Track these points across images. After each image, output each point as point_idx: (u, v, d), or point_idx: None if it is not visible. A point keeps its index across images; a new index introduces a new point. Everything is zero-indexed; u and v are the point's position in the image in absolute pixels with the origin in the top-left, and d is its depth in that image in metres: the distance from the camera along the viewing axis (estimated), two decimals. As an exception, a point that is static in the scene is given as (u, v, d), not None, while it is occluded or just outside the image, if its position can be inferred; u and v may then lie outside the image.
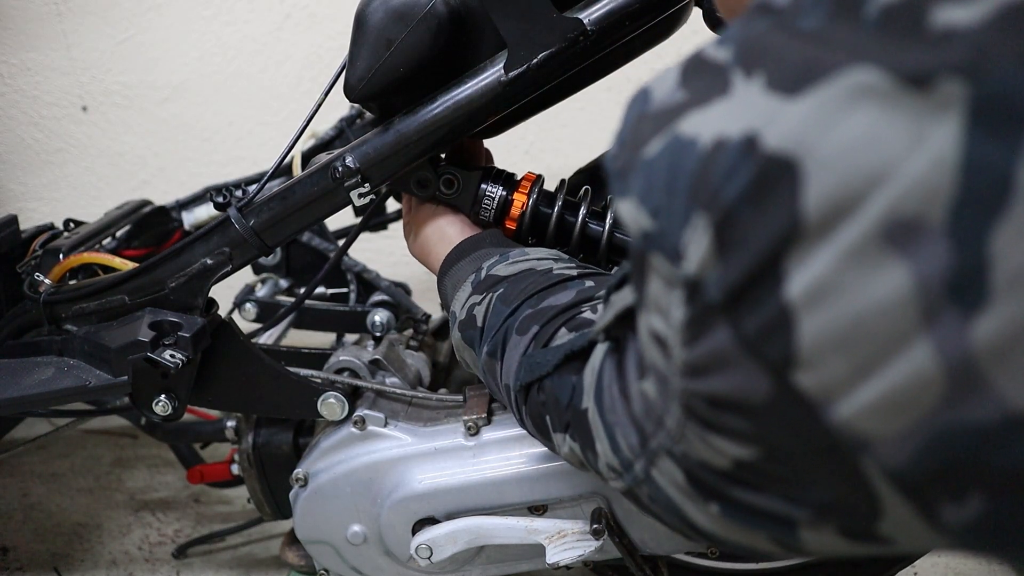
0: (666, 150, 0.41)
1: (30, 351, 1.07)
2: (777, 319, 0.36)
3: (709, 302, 0.39)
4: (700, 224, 0.38)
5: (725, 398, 0.41)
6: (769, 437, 0.41)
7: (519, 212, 0.93)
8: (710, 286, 0.38)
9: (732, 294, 0.38)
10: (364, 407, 1.02)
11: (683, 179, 0.39)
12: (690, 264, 0.39)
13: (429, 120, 0.88)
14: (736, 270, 0.37)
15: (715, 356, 0.40)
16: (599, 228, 0.93)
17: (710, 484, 0.47)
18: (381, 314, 1.28)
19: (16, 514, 1.53)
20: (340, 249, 1.10)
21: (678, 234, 0.39)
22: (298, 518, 1.03)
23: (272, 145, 1.88)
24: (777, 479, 0.42)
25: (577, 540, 0.92)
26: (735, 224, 0.37)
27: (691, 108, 0.41)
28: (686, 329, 0.41)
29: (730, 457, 0.44)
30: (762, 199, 0.36)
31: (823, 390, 0.36)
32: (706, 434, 0.44)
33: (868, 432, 0.36)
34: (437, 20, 0.84)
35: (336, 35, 1.82)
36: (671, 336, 0.43)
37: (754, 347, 0.38)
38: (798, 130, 0.35)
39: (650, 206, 0.41)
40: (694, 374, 0.42)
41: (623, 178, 0.44)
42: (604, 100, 1.76)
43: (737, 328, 0.38)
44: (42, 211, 1.92)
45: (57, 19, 1.81)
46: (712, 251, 0.38)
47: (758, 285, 0.37)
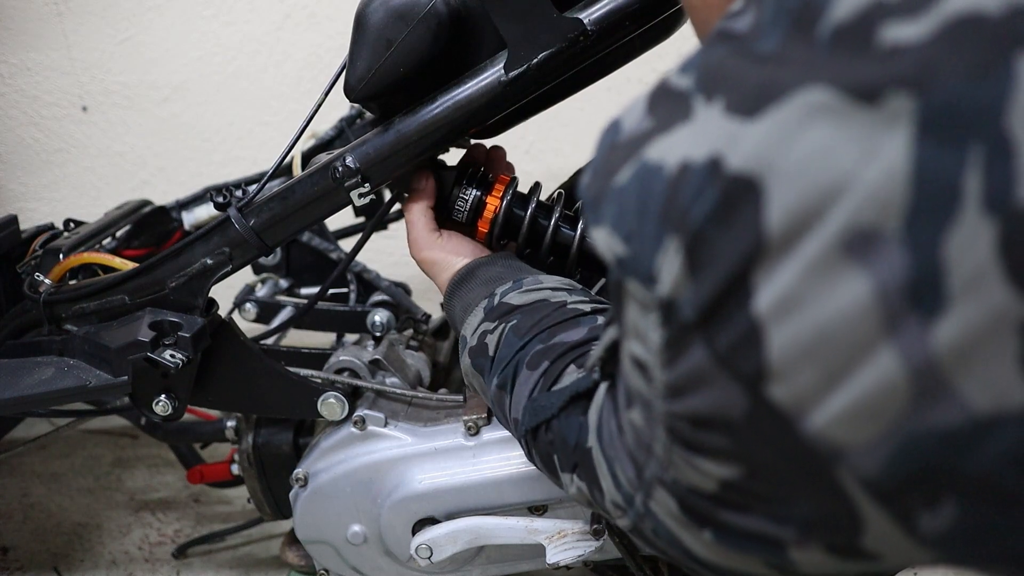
0: (635, 177, 0.42)
1: (30, 351, 1.07)
2: (747, 333, 0.37)
3: (684, 322, 0.40)
4: (672, 246, 0.39)
5: (705, 416, 0.41)
6: (750, 453, 0.41)
7: (492, 214, 0.93)
8: (684, 306, 0.39)
9: (704, 312, 0.39)
10: (364, 407, 1.02)
11: (653, 204, 0.40)
12: (664, 286, 0.40)
13: (429, 120, 0.88)
14: (707, 288, 0.38)
15: (693, 375, 0.41)
16: (571, 233, 0.93)
17: (701, 510, 0.47)
18: (381, 314, 1.28)
19: (16, 514, 1.53)
20: (349, 255, 1.10)
21: (651, 258, 0.40)
22: (298, 518, 1.03)
23: (272, 145, 1.88)
24: (761, 498, 0.43)
25: (577, 540, 0.92)
26: (704, 244, 0.38)
27: (656, 135, 0.42)
28: (664, 351, 0.42)
29: (715, 478, 0.44)
30: (728, 218, 0.37)
31: (796, 401, 0.37)
32: (691, 456, 0.45)
33: (841, 441, 0.36)
34: (437, 20, 0.84)
35: (336, 35, 1.82)
36: (651, 360, 0.44)
37: (728, 362, 0.39)
38: (758, 150, 0.36)
39: (623, 232, 0.42)
40: (675, 395, 0.43)
41: (596, 207, 0.45)
42: (604, 100, 1.76)
43: (711, 345, 0.39)
44: (42, 211, 1.92)
45: (57, 19, 1.81)
46: (684, 271, 0.39)
47: (728, 301, 0.38)
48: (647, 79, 1.77)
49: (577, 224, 0.94)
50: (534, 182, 0.99)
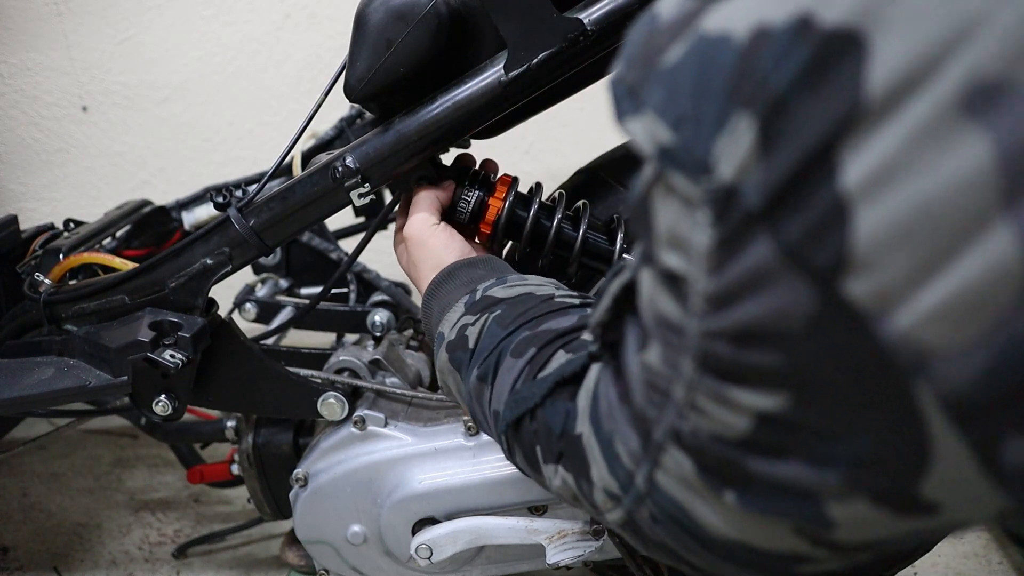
0: (691, 53, 0.37)
1: (30, 351, 1.07)
2: (829, 216, 0.33)
3: (746, 211, 0.35)
4: (741, 124, 0.35)
5: (756, 327, 0.36)
6: (805, 370, 0.36)
7: (495, 215, 0.93)
8: (748, 192, 0.35)
9: (775, 195, 0.34)
10: (364, 407, 1.02)
11: (718, 79, 0.36)
12: (724, 172, 0.35)
13: (429, 120, 0.88)
14: (782, 167, 0.34)
15: (749, 276, 0.36)
16: (573, 233, 0.94)
17: (724, 463, 0.42)
18: (381, 314, 1.28)
19: (16, 514, 1.53)
20: (351, 256, 1.10)
21: (708, 142, 0.36)
22: (298, 518, 1.03)
23: (272, 145, 1.88)
24: (807, 433, 0.38)
25: (577, 540, 0.92)
26: (784, 114, 0.33)
27: (710, 6, 0.37)
28: (714, 253, 0.37)
29: (752, 413, 0.39)
30: (817, 82, 0.32)
31: (879, 297, 0.32)
32: (724, 389, 0.40)
33: (929, 345, 0.32)
34: (437, 20, 0.84)
35: (336, 35, 1.82)
36: (691, 269, 0.38)
37: (799, 254, 0.34)
38: (860, 2, 0.32)
39: (672, 117, 0.38)
40: (720, 307, 0.38)
41: (634, 94, 0.40)
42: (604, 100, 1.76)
43: (779, 235, 0.34)
44: (42, 211, 1.92)
45: (57, 19, 1.81)
46: (755, 150, 0.34)
47: (808, 179, 0.33)
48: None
49: (579, 225, 0.94)
50: (535, 182, 0.99)
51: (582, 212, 0.96)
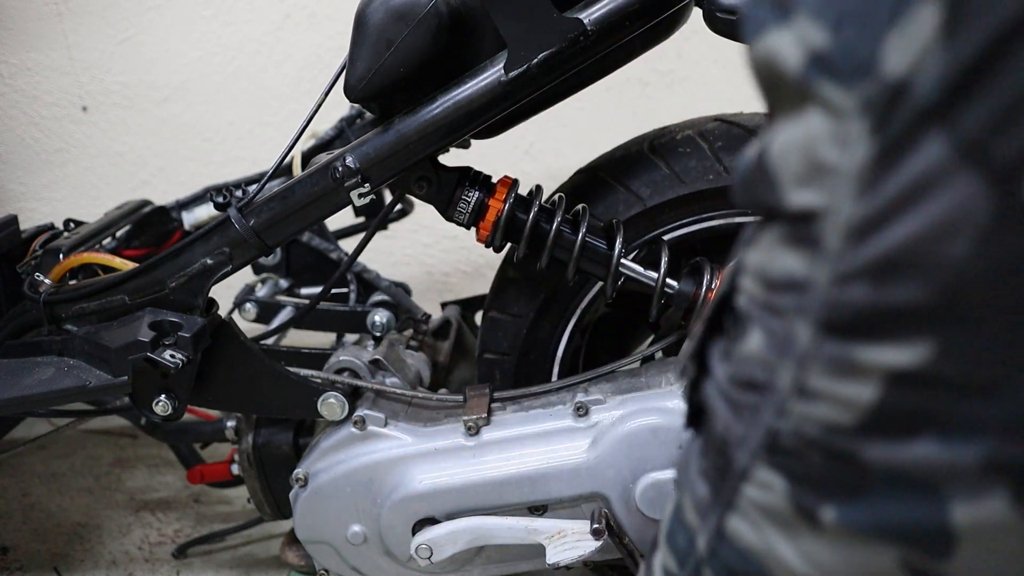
0: None
1: (30, 351, 1.07)
2: (1017, 103, 0.29)
3: (919, 107, 0.32)
4: (923, 12, 0.31)
5: (910, 250, 0.32)
6: (961, 301, 0.32)
7: (494, 217, 0.93)
8: (923, 85, 0.31)
9: (956, 85, 0.31)
10: (364, 407, 1.02)
11: None
12: (892, 69, 0.32)
13: (429, 120, 0.88)
14: (965, 52, 0.30)
15: (911, 185, 0.32)
16: (572, 237, 0.94)
17: (833, 461, 0.37)
18: (381, 314, 1.28)
19: (16, 514, 1.53)
20: (351, 256, 1.10)
21: (876, 39, 0.33)
22: (298, 518, 1.03)
23: (272, 145, 1.88)
24: (949, 390, 0.33)
25: (577, 540, 0.92)
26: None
27: None
28: (869, 169, 0.33)
29: (882, 375, 0.34)
30: None
31: None
32: (850, 350, 0.35)
33: None
34: (437, 20, 0.84)
35: (336, 35, 1.82)
36: (833, 199, 0.35)
37: (978, 150, 0.30)
38: None
39: (831, 17, 0.34)
40: (866, 234, 0.34)
41: (781, 4, 0.36)
42: (604, 100, 1.76)
43: (956, 131, 0.31)
44: (42, 211, 1.92)
45: (57, 19, 1.81)
46: (936, 37, 0.31)
47: (998, 60, 0.30)
48: (647, 79, 1.77)
49: (578, 228, 0.95)
50: (535, 185, 0.99)
51: (581, 215, 0.96)
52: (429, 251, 1.94)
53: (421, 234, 1.91)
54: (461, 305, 1.38)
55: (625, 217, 0.99)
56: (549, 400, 1.00)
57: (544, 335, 1.07)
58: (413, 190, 0.94)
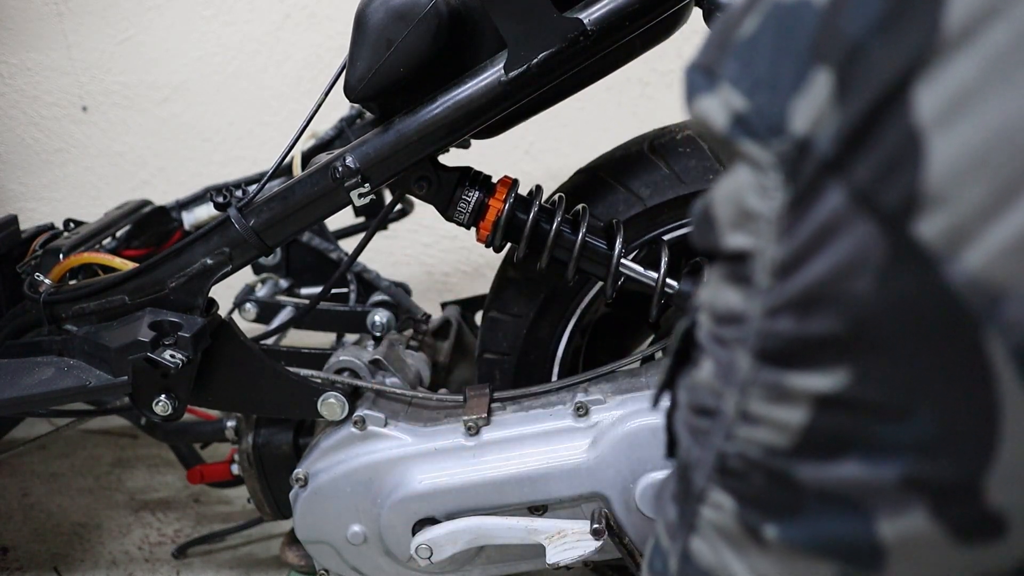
0: (768, 21, 0.38)
1: (30, 351, 1.07)
2: (901, 151, 0.32)
3: (819, 161, 0.36)
4: (819, 79, 0.36)
5: (824, 287, 0.36)
6: (870, 332, 0.35)
7: (494, 217, 0.93)
8: (822, 142, 0.35)
9: (848, 140, 0.34)
10: (364, 407, 1.02)
11: (799, 39, 0.37)
12: (797, 128, 0.36)
13: (429, 120, 0.88)
14: (855, 110, 0.34)
15: (819, 230, 0.36)
16: (572, 237, 0.94)
17: (772, 482, 0.40)
18: (381, 314, 1.28)
19: (16, 514, 1.53)
20: (351, 256, 1.10)
21: (783, 103, 0.37)
22: (298, 518, 1.03)
23: (272, 145, 1.88)
24: (866, 414, 0.36)
25: (577, 540, 0.92)
26: (861, 59, 0.34)
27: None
28: (785, 215, 0.37)
29: (809, 400, 0.38)
30: (896, 21, 0.33)
31: (950, 235, 0.32)
32: (781, 377, 0.39)
33: (1003, 283, 0.31)
34: (437, 20, 0.84)
35: (336, 35, 1.82)
36: (760, 241, 0.39)
37: (869, 197, 0.34)
38: None
39: (747, 84, 0.39)
40: (788, 272, 0.37)
41: (709, 72, 0.41)
42: (604, 100, 1.76)
43: (850, 181, 0.34)
44: (42, 211, 1.92)
45: (57, 19, 1.81)
46: (830, 100, 0.35)
47: (881, 118, 0.33)
48: (647, 79, 1.77)
49: (578, 228, 0.95)
50: (535, 185, 0.99)
51: (581, 216, 0.96)
52: (429, 251, 1.94)
53: (421, 234, 1.91)
54: (461, 305, 1.38)
55: (625, 217, 0.99)
56: (549, 400, 1.00)
57: (544, 335, 1.07)
58: (413, 190, 0.95)
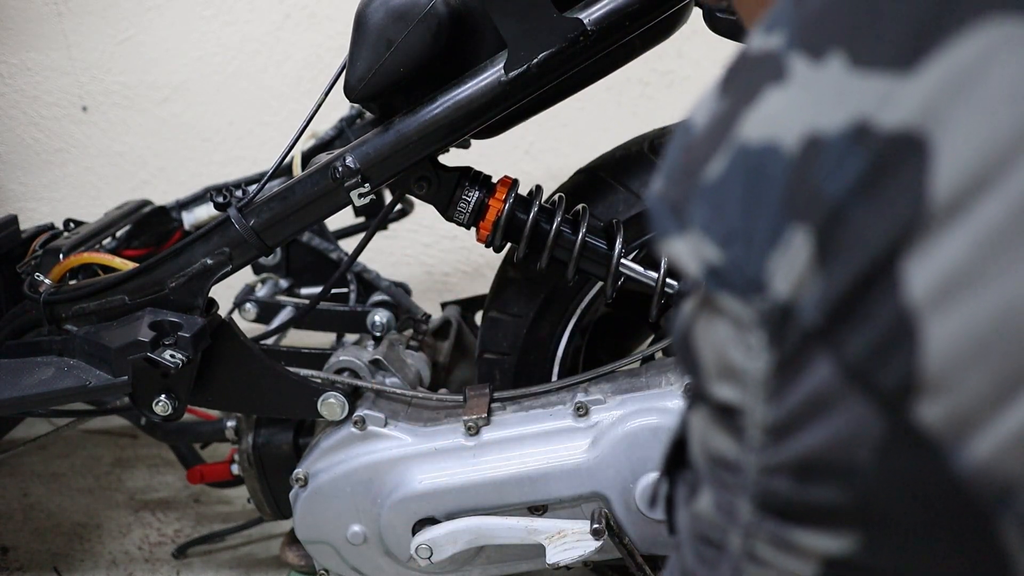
0: (735, 166, 0.35)
1: (30, 351, 1.07)
2: (894, 332, 0.30)
3: (805, 329, 0.32)
4: (797, 238, 0.32)
5: (821, 457, 0.33)
6: (875, 507, 0.33)
7: (494, 217, 0.93)
8: (806, 309, 0.32)
9: (835, 311, 0.32)
10: (364, 407, 1.02)
11: (769, 193, 0.33)
12: (779, 290, 0.33)
13: (429, 120, 0.88)
14: (841, 280, 0.31)
15: (812, 399, 0.33)
16: (572, 237, 0.94)
17: None
18: (381, 314, 1.28)
19: (16, 514, 1.53)
20: (351, 256, 1.10)
21: (761, 259, 0.33)
22: (298, 518, 1.03)
23: (272, 145, 1.88)
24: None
25: (577, 540, 0.92)
26: (842, 224, 0.31)
27: (742, 109, 0.35)
28: (771, 379, 0.34)
29: (818, 558, 0.35)
30: (878, 188, 0.31)
31: (954, 422, 0.30)
32: (786, 531, 0.36)
33: (1014, 476, 0.29)
34: (437, 20, 0.84)
35: (336, 35, 1.82)
36: (747, 399, 0.36)
37: (863, 375, 0.31)
38: (923, 103, 0.30)
39: (719, 235, 0.35)
40: (780, 437, 0.35)
41: (677, 212, 0.37)
42: (604, 100, 1.76)
43: (840, 355, 0.32)
44: (42, 211, 1.92)
45: (57, 19, 1.81)
46: (812, 264, 0.32)
47: (869, 293, 0.31)
48: (647, 79, 1.77)
49: (578, 228, 0.95)
50: (535, 185, 0.99)
51: (581, 215, 0.96)
52: (429, 251, 1.94)
53: (421, 234, 1.91)
54: (461, 305, 1.38)
55: (625, 217, 0.99)
56: (549, 400, 1.00)
57: (544, 335, 1.07)
58: (413, 190, 0.95)
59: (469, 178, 0.95)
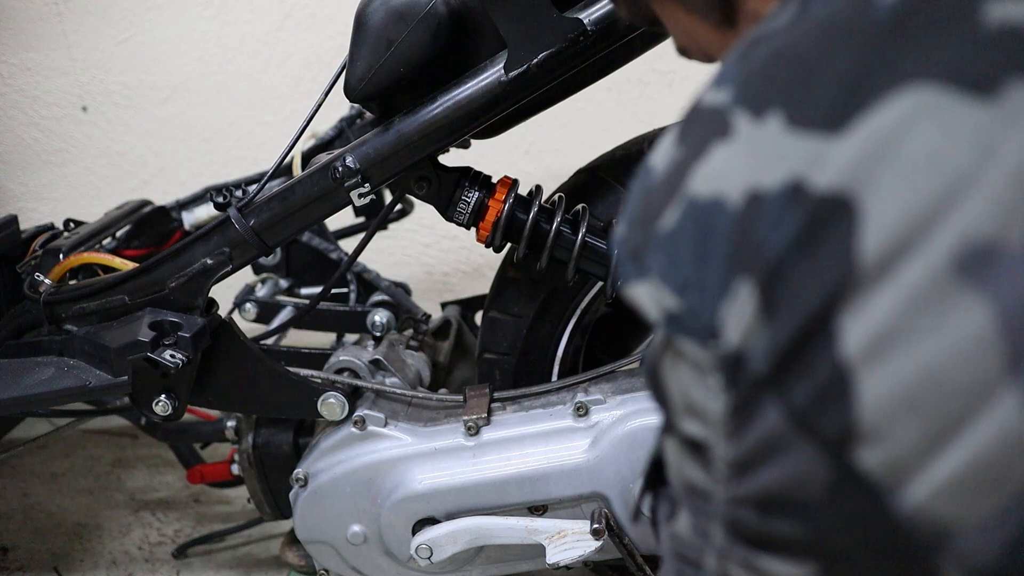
0: (686, 218, 0.37)
1: (30, 351, 1.07)
2: (832, 383, 0.32)
3: (755, 376, 0.34)
4: (743, 289, 0.34)
5: (778, 495, 0.35)
6: (828, 541, 0.35)
7: (494, 217, 0.93)
8: (755, 357, 0.34)
9: (780, 361, 0.33)
10: (364, 407, 1.02)
11: (717, 244, 0.35)
12: (730, 337, 0.35)
13: (429, 120, 0.88)
14: (783, 332, 0.33)
15: (765, 441, 0.35)
16: (572, 237, 0.94)
17: None
18: (381, 314, 1.28)
19: (16, 514, 1.53)
20: (351, 256, 1.10)
21: (713, 307, 0.35)
22: (298, 518, 1.03)
23: (272, 145, 1.88)
24: None
25: (577, 540, 0.92)
26: (782, 280, 0.33)
27: (691, 162, 0.37)
28: (730, 418, 0.36)
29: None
30: (812, 247, 0.32)
31: (891, 468, 0.31)
32: (754, 557, 0.38)
33: (948, 519, 0.30)
34: (437, 20, 0.84)
35: (336, 35, 1.82)
36: (710, 435, 0.38)
37: (807, 421, 0.33)
38: (850, 166, 0.32)
39: (676, 283, 0.37)
40: (742, 472, 0.37)
41: (638, 259, 0.39)
42: (604, 100, 1.76)
43: (787, 402, 0.33)
44: (42, 211, 1.92)
45: (57, 19, 1.81)
46: (757, 315, 0.34)
47: (808, 346, 0.32)
48: (647, 79, 1.77)
49: (578, 228, 0.95)
50: (535, 185, 0.99)
51: (581, 215, 0.96)
52: (429, 251, 1.94)
53: (421, 234, 1.91)
54: (461, 305, 1.38)
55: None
56: (549, 400, 1.00)
57: (544, 335, 1.07)
58: (413, 190, 0.95)
59: (469, 178, 0.95)
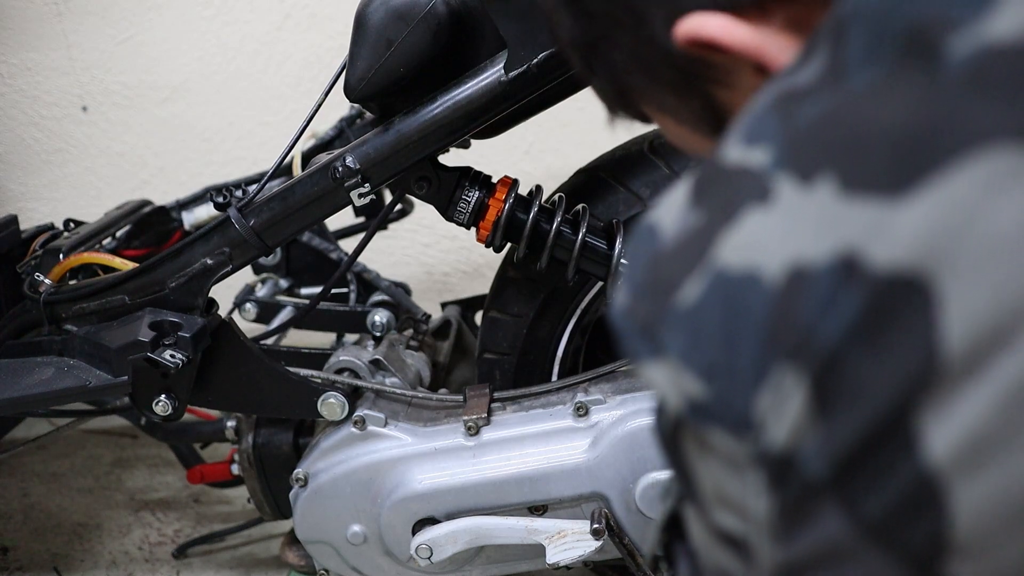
0: (713, 292, 0.32)
1: (30, 351, 1.07)
2: (916, 494, 0.28)
3: (811, 479, 0.30)
4: (786, 380, 0.30)
5: None
6: None
7: (494, 217, 0.93)
8: (809, 459, 0.30)
9: (843, 465, 0.29)
10: (364, 407, 1.02)
11: (751, 324, 0.31)
12: (774, 433, 0.31)
13: (429, 120, 0.88)
14: (847, 433, 0.29)
15: (823, 550, 0.31)
16: (572, 237, 0.94)
17: None
18: (381, 314, 1.28)
19: (16, 514, 1.53)
20: (351, 256, 1.10)
21: (747, 396, 0.31)
22: (298, 518, 1.03)
23: (272, 145, 1.88)
24: None
25: (577, 540, 0.92)
26: (841, 372, 0.29)
27: (718, 230, 0.33)
28: (779, 520, 0.32)
29: None
30: (879, 336, 0.28)
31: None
32: None
33: None
34: (437, 20, 0.84)
35: (336, 35, 1.82)
36: (753, 533, 0.33)
37: (884, 533, 0.29)
38: (921, 239, 0.28)
39: (699, 367, 0.32)
40: (794, 573, 0.32)
41: (649, 336, 0.34)
42: (604, 100, 1.76)
43: (855, 511, 0.29)
44: (42, 211, 1.92)
45: (57, 19, 1.81)
46: (810, 411, 0.30)
47: (883, 450, 0.28)
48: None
49: (578, 228, 0.95)
50: (535, 185, 0.99)
51: (581, 215, 0.96)
52: (429, 251, 1.94)
53: (421, 234, 1.91)
54: (461, 305, 1.38)
55: (625, 217, 0.99)
56: (549, 400, 1.00)
57: (544, 335, 1.07)
58: (413, 190, 0.95)
59: (469, 178, 0.95)
